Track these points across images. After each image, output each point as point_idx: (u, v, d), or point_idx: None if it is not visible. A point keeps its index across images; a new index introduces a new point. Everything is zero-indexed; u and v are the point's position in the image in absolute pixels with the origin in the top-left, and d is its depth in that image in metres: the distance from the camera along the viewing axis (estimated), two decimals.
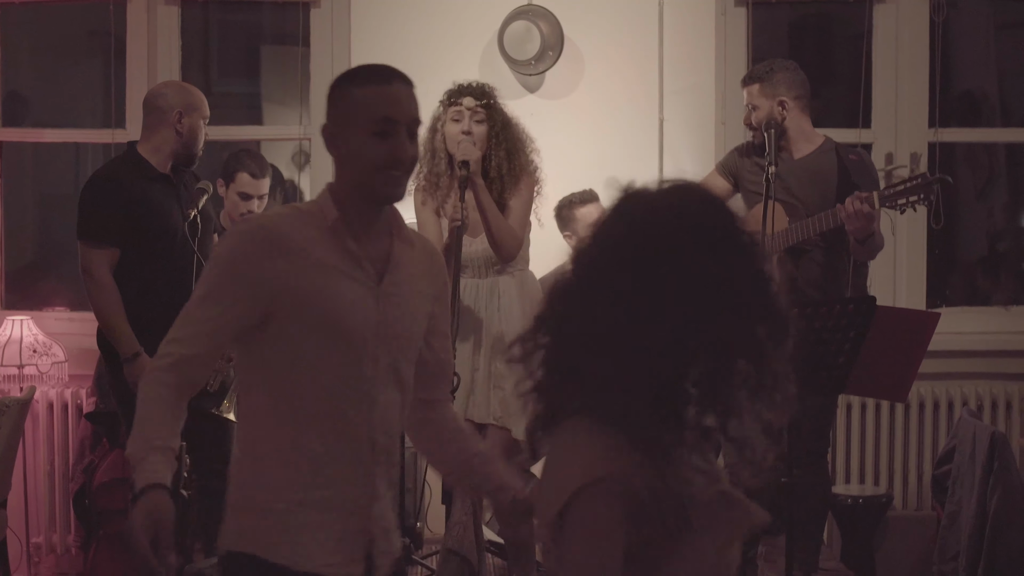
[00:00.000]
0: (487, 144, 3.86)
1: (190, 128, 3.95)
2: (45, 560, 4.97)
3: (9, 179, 5.30)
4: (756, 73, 4.14)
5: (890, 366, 3.34)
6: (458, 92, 3.93)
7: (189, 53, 5.24)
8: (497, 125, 3.90)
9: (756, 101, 4.07)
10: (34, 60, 5.68)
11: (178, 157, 3.97)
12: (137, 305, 3.85)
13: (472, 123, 3.87)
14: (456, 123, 3.88)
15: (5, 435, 4.30)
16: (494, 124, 3.90)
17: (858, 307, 3.15)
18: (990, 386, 4.95)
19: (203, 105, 4.02)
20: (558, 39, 4.80)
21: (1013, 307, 5.16)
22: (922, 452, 4.97)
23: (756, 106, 4.08)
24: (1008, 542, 4.27)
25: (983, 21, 5.68)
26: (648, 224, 1.67)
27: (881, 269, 4.93)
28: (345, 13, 4.96)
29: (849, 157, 4.06)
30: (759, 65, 4.19)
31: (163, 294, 3.78)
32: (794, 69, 4.13)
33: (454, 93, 3.93)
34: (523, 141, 3.95)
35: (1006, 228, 5.91)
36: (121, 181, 3.90)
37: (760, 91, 4.08)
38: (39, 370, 4.73)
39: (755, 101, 4.07)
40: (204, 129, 4.01)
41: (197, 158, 4.04)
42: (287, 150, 6.42)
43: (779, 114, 4.06)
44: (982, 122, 5.59)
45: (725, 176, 4.25)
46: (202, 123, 3.99)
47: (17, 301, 5.21)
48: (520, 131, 3.95)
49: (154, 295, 3.82)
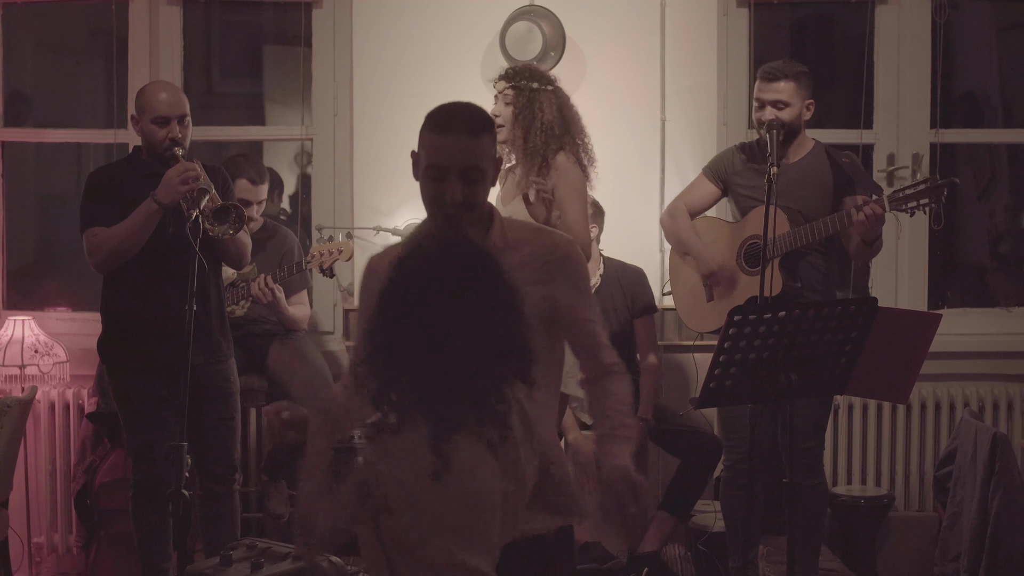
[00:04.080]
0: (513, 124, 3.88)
1: (143, 132, 3.86)
2: (46, 560, 4.97)
3: (11, 179, 5.30)
4: (789, 70, 3.99)
5: (891, 367, 3.34)
6: (499, 76, 3.98)
7: (191, 53, 5.24)
8: (519, 104, 3.89)
9: (790, 99, 3.95)
10: (36, 60, 5.68)
11: (155, 158, 3.85)
12: (130, 301, 3.84)
13: (501, 105, 3.91)
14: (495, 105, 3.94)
15: (6, 435, 4.30)
16: (518, 104, 3.90)
17: (859, 308, 3.14)
18: (992, 387, 4.95)
19: (151, 106, 3.82)
20: (560, 39, 4.81)
21: (1015, 308, 5.16)
22: (923, 453, 4.97)
23: (787, 103, 3.95)
24: (1009, 543, 4.27)
25: (985, 22, 5.68)
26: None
27: (882, 270, 4.93)
28: (347, 13, 4.96)
29: (843, 160, 4.05)
30: (784, 63, 4.04)
31: (155, 292, 3.78)
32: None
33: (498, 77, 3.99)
34: (545, 123, 3.87)
35: (1007, 229, 5.91)
36: (113, 177, 3.90)
37: (796, 89, 3.97)
38: (40, 370, 4.74)
39: (788, 98, 3.95)
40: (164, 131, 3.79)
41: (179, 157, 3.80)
42: (289, 150, 6.43)
43: (804, 115, 4.02)
44: (983, 123, 5.59)
45: (714, 181, 4.18)
46: (154, 126, 3.80)
47: (18, 301, 5.22)
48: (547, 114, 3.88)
49: (146, 292, 3.81)
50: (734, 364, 3.06)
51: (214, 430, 3.91)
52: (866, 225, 3.75)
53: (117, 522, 4.52)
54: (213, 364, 3.89)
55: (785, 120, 3.95)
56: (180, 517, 3.37)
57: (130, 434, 3.90)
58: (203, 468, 3.93)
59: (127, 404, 3.89)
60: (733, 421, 4.03)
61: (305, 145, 5.55)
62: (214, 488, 3.96)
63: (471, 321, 2.11)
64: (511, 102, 3.90)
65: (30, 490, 4.86)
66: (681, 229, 4.21)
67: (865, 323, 3.14)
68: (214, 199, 3.70)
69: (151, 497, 3.78)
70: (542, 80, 3.95)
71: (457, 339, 2.10)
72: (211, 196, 3.68)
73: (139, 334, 3.82)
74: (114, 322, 3.92)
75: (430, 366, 2.09)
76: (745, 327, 3.01)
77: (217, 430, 3.91)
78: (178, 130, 3.80)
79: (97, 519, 4.61)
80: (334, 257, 4.44)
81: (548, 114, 3.89)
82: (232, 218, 3.70)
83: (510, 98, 3.91)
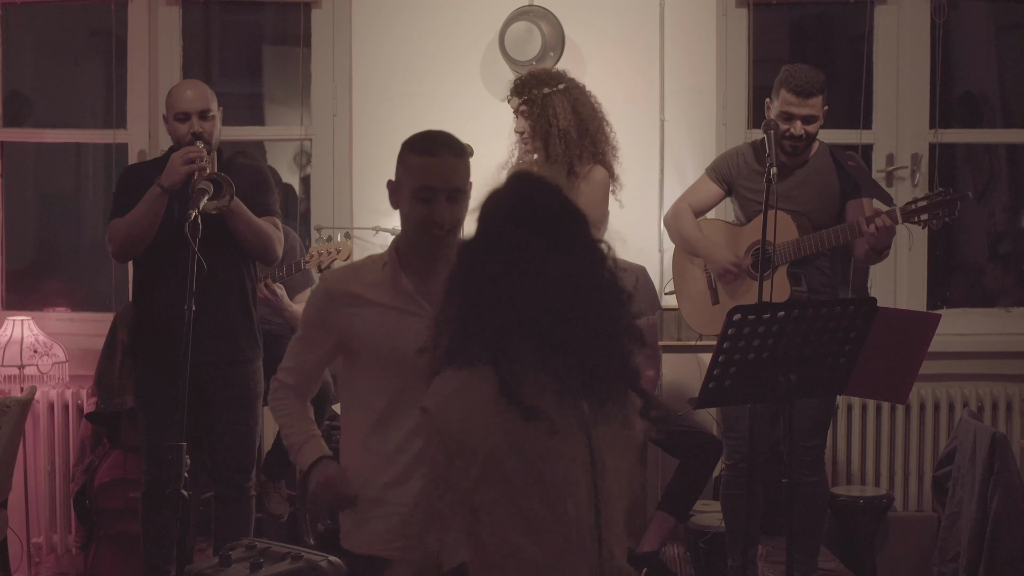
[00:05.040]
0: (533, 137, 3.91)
1: (170, 129, 3.90)
2: (45, 560, 4.97)
3: (10, 179, 5.30)
4: (819, 84, 3.93)
5: (891, 367, 3.34)
6: (510, 90, 3.99)
7: (190, 53, 5.24)
8: (533, 118, 3.92)
9: (819, 112, 3.93)
10: (35, 60, 5.67)
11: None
12: (149, 298, 3.88)
13: (522, 121, 3.93)
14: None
15: (6, 435, 4.30)
16: (531, 116, 3.92)
17: (859, 308, 3.14)
18: (991, 387, 4.96)
19: (173, 103, 3.86)
20: (559, 40, 4.81)
21: (1014, 308, 5.17)
22: (923, 453, 4.97)
23: (817, 117, 3.93)
24: (1008, 543, 4.27)
25: (984, 22, 5.68)
26: (487, 216, 2.04)
27: (882, 270, 4.93)
28: (346, 14, 4.96)
29: (848, 163, 4.03)
30: (811, 72, 3.95)
31: (160, 285, 3.79)
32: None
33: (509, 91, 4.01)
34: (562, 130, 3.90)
35: (1006, 229, 5.91)
36: (140, 173, 3.93)
37: (823, 101, 3.94)
38: (40, 370, 4.74)
39: (819, 112, 3.92)
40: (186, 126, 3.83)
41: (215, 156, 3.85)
42: (288, 150, 6.42)
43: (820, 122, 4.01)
44: (983, 123, 5.59)
45: (718, 182, 4.15)
46: (176, 123, 3.85)
47: (18, 301, 5.22)
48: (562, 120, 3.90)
49: (152, 283, 3.83)
50: (733, 364, 3.06)
51: (228, 434, 3.88)
52: (876, 237, 3.76)
53: (116, 522, 4.52)
54: (233, 365, 3.87)
55: (812, 133, 3.95)
56: (179, 517, 3.37)
57: (144, 433, 3.90)
58: (216, 470, 3.92)
59: (143, 402, 3.89)
60: (734, 421, 4.03)
61: (304, 145, 5.55)
62: (225, 491, 3.94)
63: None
64: (527, 115, 3.91)
65: (29, 490, 4.86)
66: (686, 229, 4.18)
67: (864, 323, 3.14)
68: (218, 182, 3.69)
69: (161, 497, 3.78)
70: (550, 82, 3.95)
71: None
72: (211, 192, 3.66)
73: (155, 331, 3.82)
74: (136, 318, 3.95)
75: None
76: (744, 327, 3.01)
77: (231, 434, 3.88)
78: (199, 124, 3.82)
79: (96, 519, 4.60)
80: (332, 257, 4.43)
81: (563, 120, 3.90)
82: (225, 192, 3.67)
83: (525, 112, 3.92)
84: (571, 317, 1.95)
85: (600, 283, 2.00)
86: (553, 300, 1.94)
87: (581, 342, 1.95)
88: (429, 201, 2.50)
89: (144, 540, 3.91)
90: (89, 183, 5.77)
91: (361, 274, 2.64)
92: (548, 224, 1.98)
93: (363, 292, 2.59)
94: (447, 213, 2.50)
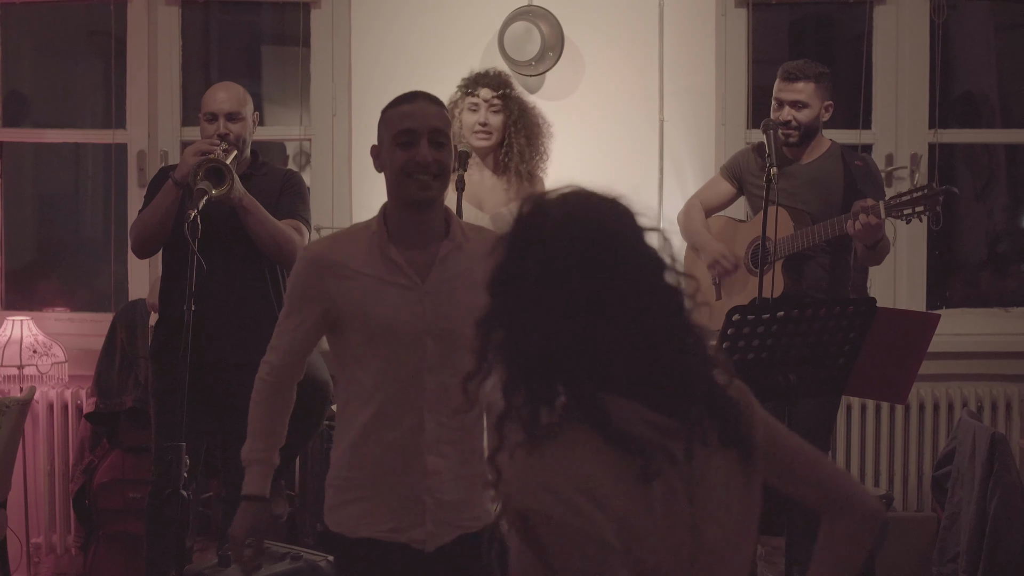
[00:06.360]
0: (504, 133, 3.93)
1: (201, 129, 3.94)
2: (45, 560, 4.97)
3: (9, 179, 5.30)
4: (810, 71, 3.97)
5: (890, 367, 3.34)
6: (474, 82, 3.98)
7: (189, 54, 5.24)
8: (514, 114, 3.94)
9: (809, 100, 3.94)
10: (34, 60, 5.67)
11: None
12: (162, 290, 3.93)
13: (489, 114, 3.93)
14: (473, 113, 3.94)
15: (5, 435, 4.30)
16: (511, 113, 3.94)
17: (858, 308, 3.15)
18: (990, 387, 4.96)
19: (204, 103, 3.92)
20: (558, 40, 4.81)
21: (1013, 308, 5.17)
22: (922, 453, 4.97)
23: (806, 104, 3.95)
24: (1008, 543, 4.27)
25: (983, 22, 5.68)
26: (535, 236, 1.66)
27: (881, 270, 4.92)
28: (345, 14, 4.96)
29: (854, 163, 4.04)
30: (806, 63, 4.01)
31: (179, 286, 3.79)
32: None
33: (471, 82, 3.99)
34: (540, 127, 3.99)
35: (1006, 229, 5.91)
36: (167, 173, 3.92)
37: (816, 91, 3.96)
38: (39, 370, 4.73)
39: (807, 99, 3.94)
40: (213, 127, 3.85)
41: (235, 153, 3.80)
42: (288, 151, 6.42)
43: (823, 116, 4.01)
44: (982, 123, 5.59)
45: (729, 180, 4.19)
46: (205, 123, 3.89)
47: (17, 301, 5.21)
48: (537, 117, 3.99)
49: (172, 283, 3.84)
50: (732, 364, 3.06)
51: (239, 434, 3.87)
52: (861, 233, 3.76)
53: (115, 522, 4.52)
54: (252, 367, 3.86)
55: (802, 121, 3.95)
56: (178, 517, 3.37)
57: (154, 433, 3.89)
58: (225, 470, 3.91)
59: (157, 402, 3.89)
60: None
61: (304, 145, 5.54)
62: (234, 493, 3.92)
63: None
64: (500, 111, 3.93)
65: (28, 490, 4.85)
66: (692, 224, 4.22)
67: (864, 323, 3.14)
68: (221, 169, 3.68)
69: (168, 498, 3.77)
70: (514, 87, 4.01)
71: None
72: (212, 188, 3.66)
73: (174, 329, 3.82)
74: (158, 319, 3.97)
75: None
76: (744, 327, 3.01)
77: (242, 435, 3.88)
78: (225, 126, 3.83)
79: (95, 519, 4.60)
80: None
81: (536, 115, 3.96)
82: (226, 180, 3.66)
83: (499, 107, 3.93)
84: (662, 343, 1.68)
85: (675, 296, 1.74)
86: (650, 331, 1.65)
87: (677, 366, 1.68)
88: (412, 144, 2.45)
89: (148, 541, 3.90)
90: (88, 183, 5.76)
91: (346, 244, 2.58)
92: (624, 246, 1.65)
93: (349, 262, 2.52)
94: (430, 155, 2.45)
